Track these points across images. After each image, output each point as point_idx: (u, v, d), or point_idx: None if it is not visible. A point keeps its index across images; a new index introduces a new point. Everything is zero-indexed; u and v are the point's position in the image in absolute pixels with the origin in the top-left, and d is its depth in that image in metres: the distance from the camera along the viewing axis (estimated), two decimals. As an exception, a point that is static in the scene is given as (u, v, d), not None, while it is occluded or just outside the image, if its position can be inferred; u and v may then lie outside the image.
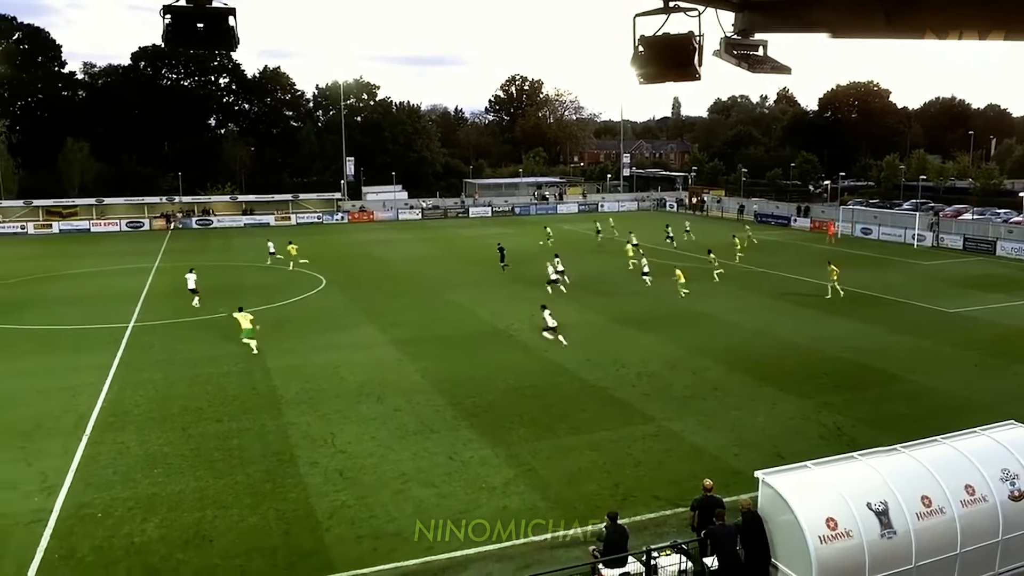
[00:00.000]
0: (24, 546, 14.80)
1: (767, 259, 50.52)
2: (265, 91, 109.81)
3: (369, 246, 61.06)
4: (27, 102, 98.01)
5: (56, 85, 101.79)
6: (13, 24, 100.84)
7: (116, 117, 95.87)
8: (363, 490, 17.00)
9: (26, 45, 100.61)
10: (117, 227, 76.91)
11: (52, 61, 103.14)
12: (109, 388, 24.25)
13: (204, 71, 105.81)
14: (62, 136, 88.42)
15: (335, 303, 37.40)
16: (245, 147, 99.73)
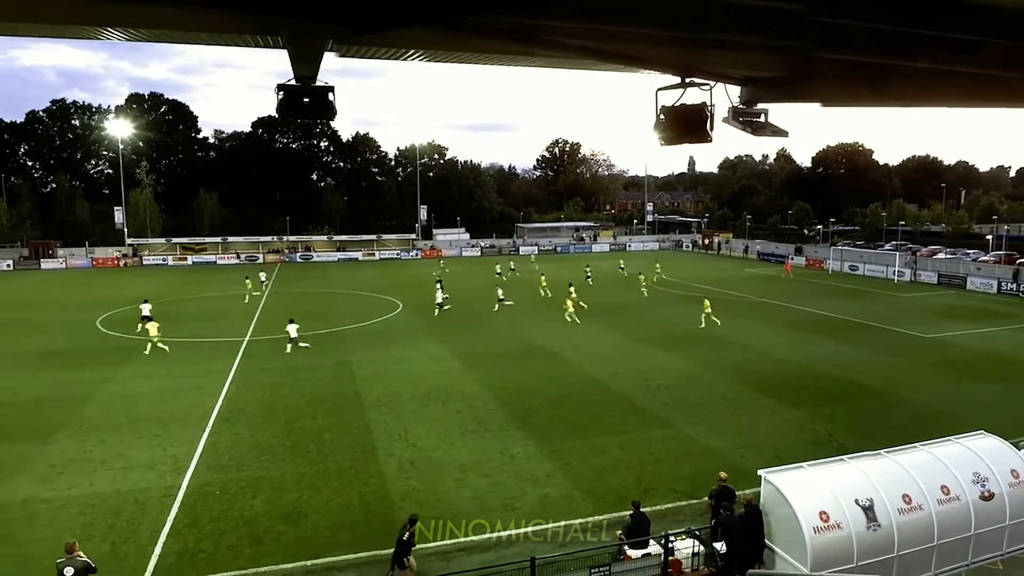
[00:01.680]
0: (158, 515, 15.11)
1: (768, 290, 49.54)
2: (356, 152, 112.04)
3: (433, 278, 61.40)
4: (170, 161, 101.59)
5: (193, 148, 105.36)
6: (161, 99, 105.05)
7: (238, 173, 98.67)
8: (430, 478, 16.98)
9: (170, 116, 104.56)
10: (237, 260, 78.86)
11: (190, 129, 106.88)
12: (228, 389, 24.70)
13: (308, 136, 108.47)
14: (196, 188, 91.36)
15: (409, 323, 37.67)
16: (339, 197, 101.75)
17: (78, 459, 18.27)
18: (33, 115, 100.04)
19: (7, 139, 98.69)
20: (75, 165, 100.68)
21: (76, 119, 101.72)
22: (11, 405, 23.02)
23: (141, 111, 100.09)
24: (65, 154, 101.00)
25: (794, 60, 10.37)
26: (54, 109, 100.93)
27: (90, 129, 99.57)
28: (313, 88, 12.00)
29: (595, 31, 9.83)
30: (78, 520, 14.89)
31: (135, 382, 25.80)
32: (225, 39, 12.08)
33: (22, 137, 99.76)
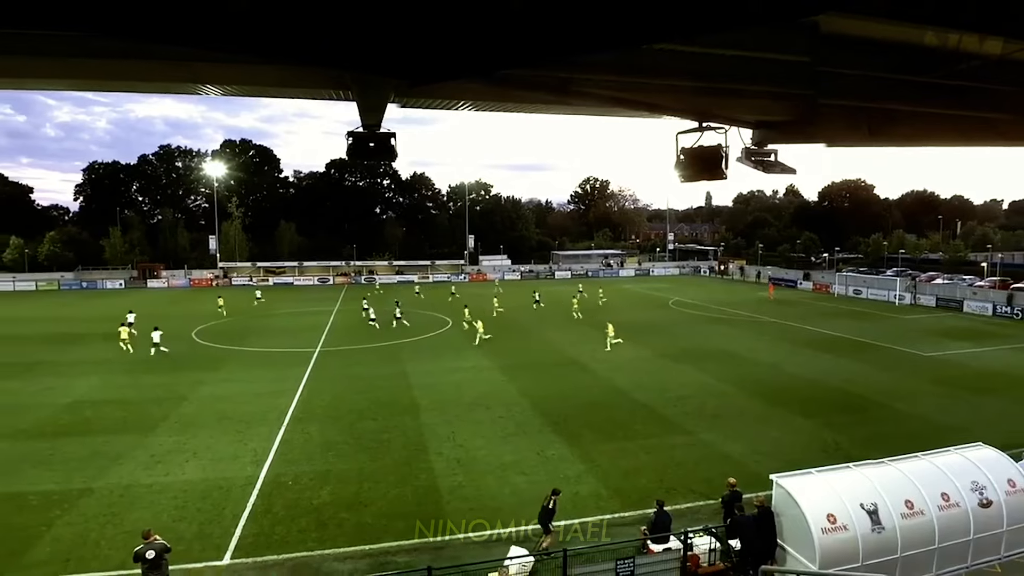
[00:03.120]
0: (239, 501, 15.34)
1: (779, 311, 48.36)
2: (414, 189, 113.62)
3: (481, 299, 61.56)
4: (256, 197, 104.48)
5: (276, 185, 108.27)
6: (249, 145, 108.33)
7: (313, 206, 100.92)
8: (474, 475, 16.89)
9: (257, 159, 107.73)
10: (311, 282, 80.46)
11: (274, 169, 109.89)
12: (301, 393, 25.06)
13: (373, 175, 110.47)
14: (278, 219, 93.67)
15: (457, 338, 37.79)
16: (399, 227, 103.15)
17: (174, 450, 18.74)
18: (144, 158, 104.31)
19: (122, 178, 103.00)
20: (177, 200, 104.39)
21: (179, 161, 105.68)
22: (124, 402, 23.77)
23: (233, 155, 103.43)
24: (169, 191, 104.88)
25: (801, 105, 10.23)
26: (161, 153, 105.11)
27: (190, 170, 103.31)
28: (377, 134, 12.29)
29: (621, 83, 9.86)
30: (172, 503, 15.22)
31: (223, 385, 26.40)
32: (304, 93, 12.50)
33: (135, 176, 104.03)
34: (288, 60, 10.27)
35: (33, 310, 48.97)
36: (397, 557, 12.92)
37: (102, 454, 18.37)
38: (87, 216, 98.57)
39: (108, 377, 27.86)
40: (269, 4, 3.67)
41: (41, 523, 14.24)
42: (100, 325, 42.13)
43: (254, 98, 21.22)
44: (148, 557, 10.87)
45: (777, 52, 8.48)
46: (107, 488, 16.08)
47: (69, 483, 16.37)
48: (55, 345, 35.66)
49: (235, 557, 12.88)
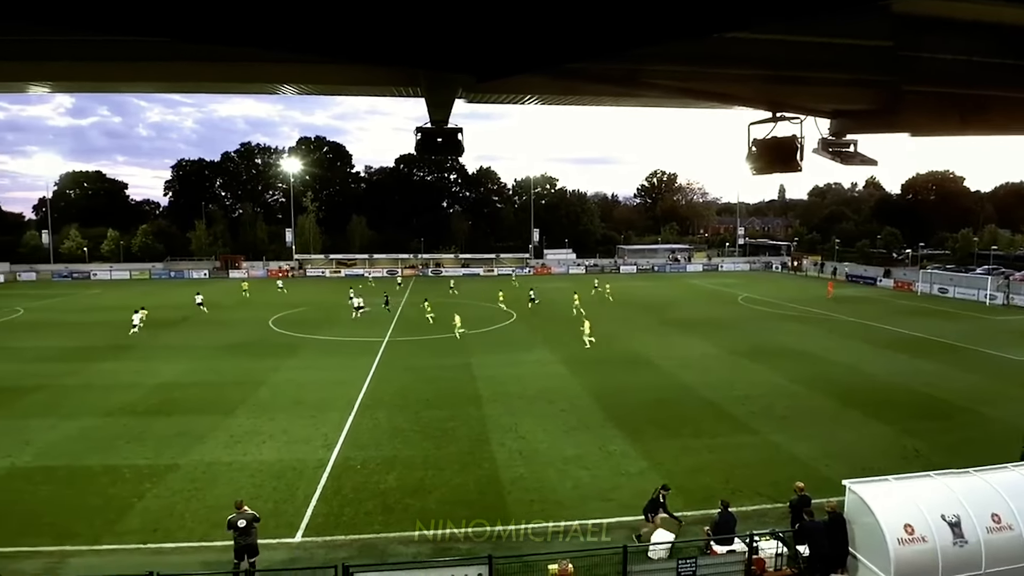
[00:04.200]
0: (311, 482, 15.98)
1: (856, 310, 46.02)
2: (480, 183, 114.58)
3: (546, 292, 61.51)
4: (329, 192, 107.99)
5: (348, 180, 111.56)
6: (323, 142, 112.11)
7: (383, 201, 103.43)
8: (535, 467, 16.95)
9: (331, 155, 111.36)
10: (381, 273, 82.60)
11: (346, 165, 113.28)
12: (370, 382, 25.79)
13: (440, 170, 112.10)
14: (350, 213, 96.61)
15: (522, 331, 37.93)
16: (465, 221, 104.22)
17: (252, 432, 19.71)
18: (227, 155, 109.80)
19: (207, 174, 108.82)
20: (256, 195, 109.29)
21: (258, 158, 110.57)
22: (207, 385, 25.19)
23: (308, 151, 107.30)
24: (249, 186, 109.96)
25: (883, 93, 9.68)
26: (242, 150, 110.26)
27: (268, 166, 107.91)
28: (445, 129, 12.47)
29: (690, 73, 9.61)
30: (250, 481, 16.02)
31: (298, 372, 27.52)
32: (376, 91, 12.83)
33: (218, 173, 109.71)
34: (361, 60, 10.56)
35: (127, 298, 52.42)
36: (459, 544, 13.14)
37: (187, 433, 19.53)
38: (175, 210, 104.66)
39: (193, 362, 29.55)
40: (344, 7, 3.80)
41: (133, 495, 15.30)
42: (186, 312, 44.72)
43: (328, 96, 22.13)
44: (240, 526, 11.55)
45: (856, 37, 8.05)
46: (191, 465, 17.10)
47: (158, 459, 17.51)
48: (147, 330, 38.04)
49: (306, 535, 13.45)
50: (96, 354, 31.25)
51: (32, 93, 13.61)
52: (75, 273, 79.93)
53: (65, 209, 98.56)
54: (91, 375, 27.07)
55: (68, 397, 23.64)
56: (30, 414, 21.56)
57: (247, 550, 11.68)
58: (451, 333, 35.17)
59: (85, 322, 40.57)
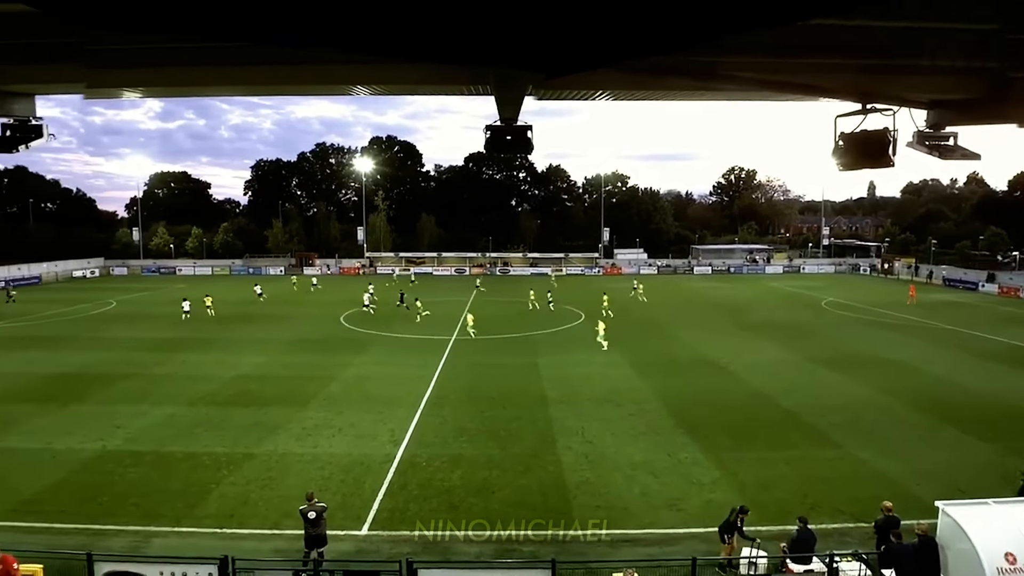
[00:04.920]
0: (377, 477, 16.45)
1: (954, 317, 43.03)
2: (549, 181, 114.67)
3: (616, 292, 60.88)
4: (400, 190, 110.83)
5: (418, 179, 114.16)
6: (395, 141, 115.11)
7: (452, 199, 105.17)
8: (602, 472, 16.81)
9: (401, 154, 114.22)
10: (449, 272, 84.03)
11: (416, 164, 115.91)
12: (437, 379, 26.27)
13: (509, 168, 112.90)
14: (419, 212, 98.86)
15: (590, 332, 37.63)
16: (534, 220, 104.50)
17: (322, 425, 20.48)
18: (302, 155, 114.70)
19: (284, 174, 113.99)
20: (330, 194, 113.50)
21: (332, 158, 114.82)
22: (281, 379, 26.38)
23: (380, 150, 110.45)
24: (324, 185, 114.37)
25: (988, 81, 9.03)
26: (317, 150, 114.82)
27: (342, 166, 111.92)
28: (515, 127, 12.57)
29: (772, 64, 9.30)
30: (319, 473, 16.67)
31: (367, 368, 28.39)
32: (445, 90, 13.09)
33: (294, 173, 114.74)
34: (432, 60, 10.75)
35: (210, 292, 55.51)
36: (522, 546, 13.20)
37: (262, 424, 20.53)
38: (254, 209, 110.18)
39: (269, 355, 31.00)
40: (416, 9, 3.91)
41: (211, 481, 16.22)
42: (263, 307, 46.98)
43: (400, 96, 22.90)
44: (310, 517, 12.06)
45: (956, 20, 7.55)
46: (265, 455, 17.96)
47: (235, 447, 18.49)
48: (227, 324, 40.31)
49: (372, 529, 13.86)
50: (181, 345, 33.33)
51: (126, 99, 14.67)
52: (162, 268, 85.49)
53: (154, 208, 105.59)
54: (176, 365, 28.89)
55: (156, 386, 25.31)
56: (122, 400, 23.24)
57: (316, 540, 12.16)
58: (520, 332, 35.36)
59: (172, 315, 43.29)
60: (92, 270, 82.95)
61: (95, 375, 27.12)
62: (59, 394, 24.09)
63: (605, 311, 41.79)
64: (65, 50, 11.04)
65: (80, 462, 17.54)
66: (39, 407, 22.42)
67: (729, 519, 12.57)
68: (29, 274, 72.50)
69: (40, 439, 19.29)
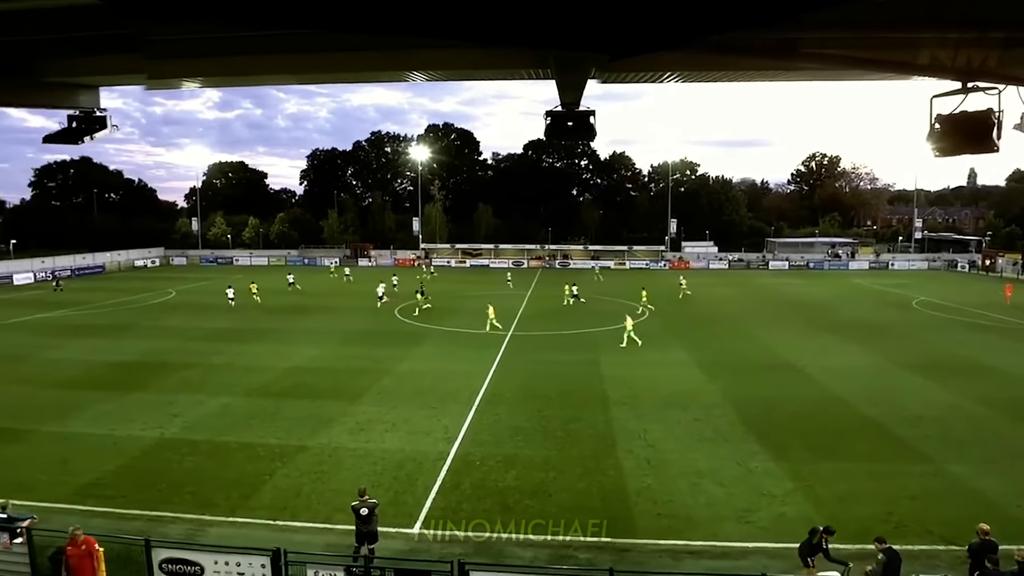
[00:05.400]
0: (430, 474, 16.74)
1: (1069, 321, 40.24)
2: (612, 169, 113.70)
3: (670, 288, 59.90)
4: (456, 179, 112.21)
5: (475, 168, 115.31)
6: (451, 128, 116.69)
7: (510, 188, 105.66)
8: (665, 478, 16.58)
9: (458, 142, 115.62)
10: (506, 264, 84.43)
11: (473, 152, 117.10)
12: (492, 375, 26.48)
13: (571, 156, 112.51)
14: (476, 202, 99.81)
15: (655, 329, 37.15)
16: (595, 210, 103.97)
17: (375, 420, 20.99)
18: (357, 144, 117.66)
19: (339, 163, 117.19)
20: (385, 183, 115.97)
21: (388, 146, 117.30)
22: (335, 371, 27.19)
23: (436, 138, 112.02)
24: (379, 175, 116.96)
25: (1115, 55, 8.38)
26: (372, 139, 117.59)
27: (397, 154, 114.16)
28: (576, 112, 12.49)
29: (861, 39, 8.90)
30: (372, 468, 17.09)
31: (421, 362, 28.90)
32: (505, 74, 13.12)
33: (349, 162, 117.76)
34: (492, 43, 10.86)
35: (268, 283, 57.67)
36: (578, 552, 13.19)
37: (315, 417, 21.21)
38: (309, 199, 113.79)
39: (323, 348, 31.98)
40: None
41: (265, 472, 16.88)
42: (318, 299, 48.43)
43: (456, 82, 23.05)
44: (362, 513, 12.42)
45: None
46: (318, 448, 18.55)
47: (288, 439, 19.18)
48: (283, 315, 41.81)
49: (424, 527, 14.12)
50: (238, 335, 34.80)
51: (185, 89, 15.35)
52: (220, 258, 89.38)
53: (212, 197, 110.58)
54: (233, 355, 30.17)
55: (213, 375, 26.52)
56: (180, 389, 24.46)
57: (367, 537, 12.50)
58: (580, 328, 35.26)
59: (228, 305, 45.17)
60: (153, 259, 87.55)
61: (155, 363, 28.64)
62: (121, 381, 25.58)
63: (643, 307, 42.11)
64: (127, 42, 11.65)
65: (140, 449, 18.58)
66: (103, 393, 23.87)
67: (812, 541, 11.97)
68: (93, 263, 77.15)
69: (103, 425, 20.54)
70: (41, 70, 13.08)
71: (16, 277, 63.50)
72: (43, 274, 67.71)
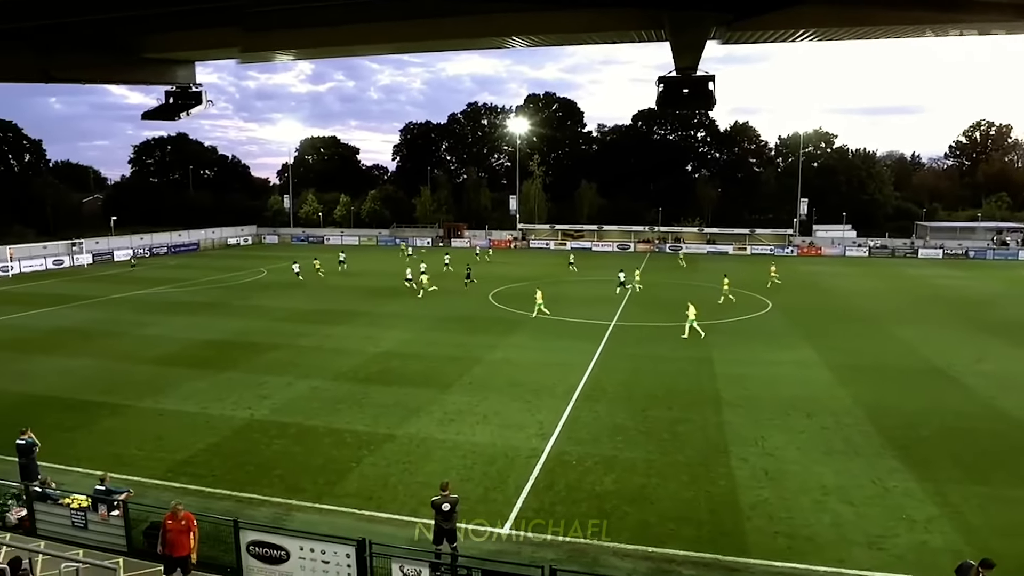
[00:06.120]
0: (523, 472, 17.01)
1: None
2: (734, 142, 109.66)
3: (815, 276, 57.20)
4: (557, 154, 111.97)
5: (578, 141, 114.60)
6: (553, 98, 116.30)
7: (616, 164, 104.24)
8: (784, 492, 16.01)
9: (560, 113, 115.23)
10: (611, 248, 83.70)
11: (576, 124, 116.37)
12: (592, 369, 26.46)
13: (685, 127, 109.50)
14: (578, 178, 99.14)
15: (778, 324, 35.78)
16: (713, 188, 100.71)
17: (465, 411, 21.52)
18: (453, 117, 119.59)
19: (433, 137, 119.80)
20: (481, 159, 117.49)
21: (484, 119, 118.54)
22: (425, 358, 28.09)
23: (536, 109, 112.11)
24: (474, 149, 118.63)
25: None
26: (468, 111, 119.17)
27: (494, 127, 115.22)
28: (693, 78, 12.16)
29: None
30: (461, 462, 17.56)
31: (515, 351, 29.30)
32: (613, 36, 12.95)
33: (444, 136, 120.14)
34: (599, 2, 10.77)
35: (359, 263, 60.14)
36: (682, 568, 13.01)
37: (403, 404, 22.02)
38: (401, 175, 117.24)
39: (413, 332, 33.07)
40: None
41: (352, 460, 17.74)
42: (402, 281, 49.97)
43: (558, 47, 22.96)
44: (444, 509, 12.81)
45: None
46: (406, 437, 19.27)
47: (376, 427, 20.04)
48: (372, 297, 43.58)
49: (515, 528, 14.38)
50: (328, 317, 36.65)
51: (278, 62, 16.23)
52: (311, 237, 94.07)
53: (304, 174, 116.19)
54: (322, 338, 31.80)
55: (302, 357, 28.08)
56: (269, 370, 26.08)
57: (447, 534, 12.85)
58: (686, 321, 34.45)
59: (318, 285, 47.57)
60: (245, 237, 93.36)
61: (246, 343, 30.67)
62: (213, 360, 27.62)
63: (725, 295, 41.86)
64: (223, 15, 12.42)
65: (231, 428, 20.01)
66: (195, 371, 25.88)
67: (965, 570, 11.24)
68: (189, 240, 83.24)
69: (196, 403, 22.27)
70: (140, 46, 14.20)
71: (117, 254, 69.67)
72: (142, 251, 73.88)
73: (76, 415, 21.20)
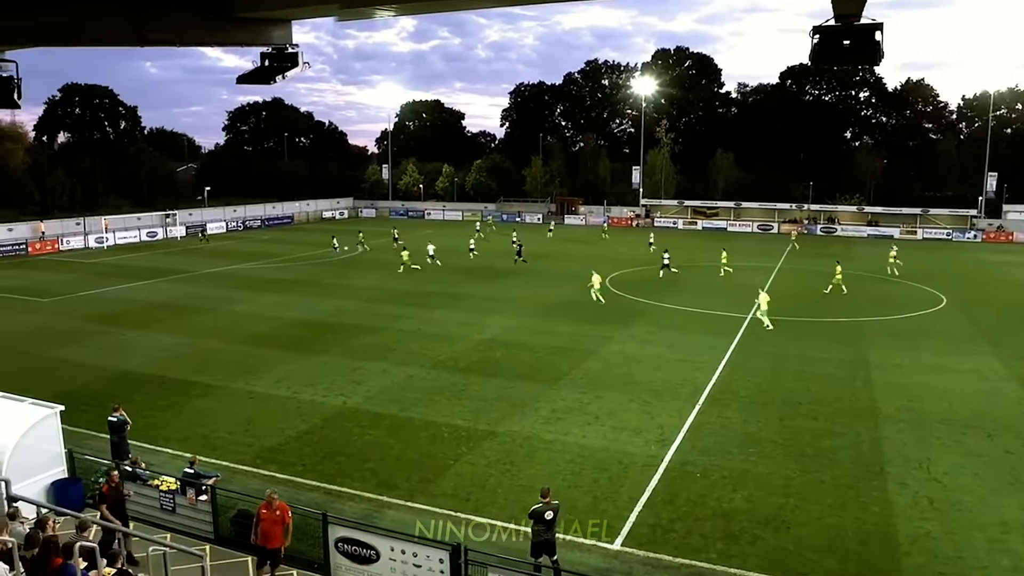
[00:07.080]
0: (638, 482, 16.92)
1: None
2: (905, 103, 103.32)
3: (1003, 268, 53.24)
4: (689, 118, 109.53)
5: (714, 103, 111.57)
6: (686, 54, 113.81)
7: (760, 130, 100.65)
8: (953, 526, 15.09)
9: (694, 71, 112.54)
10: (749, 228, 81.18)
11: (713, 83, 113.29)
12: (723, 368, 25.92)
13: (845, 86, 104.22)
14: (713, 147, 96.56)
15: (954, 325, 33.59)
16: (877, 159, 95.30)
17: (575, 409, 21.61)
18: (569, 77, 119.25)
19: (547, 100, 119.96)
20: (601, 124, 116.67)
21: (605, 79, 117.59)
22: (532, 348, 28.45)
23: (666, 67, 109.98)
24: (593, 113, 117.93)
25: None
26: (587, 70, 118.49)
27: (617, 88, 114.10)
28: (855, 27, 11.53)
29: None
30: (568, 467, 17.66)
31: (634, 344, 29.10)
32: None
33: (559, 98, 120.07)
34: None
35: (460, 242, 61.32)
36: (824, 605, 12.59)
37: (507, 399, 22.38)
38: (511, 143, 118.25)
39: (520, 319, 33.50)
40: None
41: (449, 456, 18.22)
42: (517, 263, 50.53)
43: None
44: (547, 518, 12.93)
45: None
46: (508, 435, 19.59)
47: (476, 422, 20.48)
48: (476, 279, 44.36)
49: (626, 545, 14.32)
50: (427, 300, 37.81)
51: (378, 19, 16.68)
52: (411, 211, 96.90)
53: (404, 142, 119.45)
54: (422, 322, 32.84)
55: (398, 342, 29.11)
56: (364, 355, 27.21)
57: (546, 547, 12.91)
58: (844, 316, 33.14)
59: (418, 265, 48.90)
60: (341, 211, 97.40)
61: (339, 325, 32.11)
62: (305, 341, 29.11)
63: (837, 284, 40.82)
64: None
65: (322, 416, 21.03)
66: (287, 353, 27.38)
67: None
68: (282, 213, 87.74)
69: (287, 387, 23.55)
70: (235, 4, 14.94)
71: (209, 227, 74.35)
72: (235, 223, 78.47)
73: (168, 394, 22.94)
